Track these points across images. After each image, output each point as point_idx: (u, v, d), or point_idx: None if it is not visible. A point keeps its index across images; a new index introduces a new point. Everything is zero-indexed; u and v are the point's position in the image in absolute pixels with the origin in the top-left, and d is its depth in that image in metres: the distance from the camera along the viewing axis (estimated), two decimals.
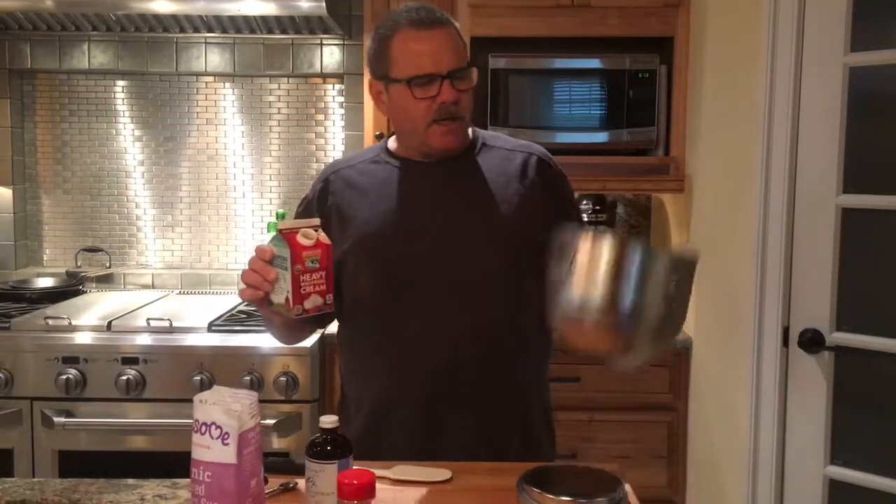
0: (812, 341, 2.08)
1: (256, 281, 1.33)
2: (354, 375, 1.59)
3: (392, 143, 1.62)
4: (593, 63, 2.64)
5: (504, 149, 1.61)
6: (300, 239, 1.31)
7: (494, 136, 1.66)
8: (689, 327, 2.62)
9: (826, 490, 2.09)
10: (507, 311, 1.51)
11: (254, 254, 1.35)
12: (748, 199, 2.20)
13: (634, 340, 1.14)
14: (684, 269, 1.17)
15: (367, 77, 1.72)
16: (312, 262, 1.31)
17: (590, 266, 1.11)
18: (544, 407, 1.63)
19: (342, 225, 1.53)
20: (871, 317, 2.03)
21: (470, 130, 1.60)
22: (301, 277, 1.29)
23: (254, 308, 2.79)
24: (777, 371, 2.15)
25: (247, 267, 1.36)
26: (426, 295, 1.48)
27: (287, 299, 1.30)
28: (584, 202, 2.89)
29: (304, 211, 1.63)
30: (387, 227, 1.50)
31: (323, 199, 1.59)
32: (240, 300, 2.90)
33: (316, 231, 1.33)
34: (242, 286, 1.37)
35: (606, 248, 1.12)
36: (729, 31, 2.38)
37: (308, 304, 1.31)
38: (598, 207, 2.89)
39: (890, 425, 1.97)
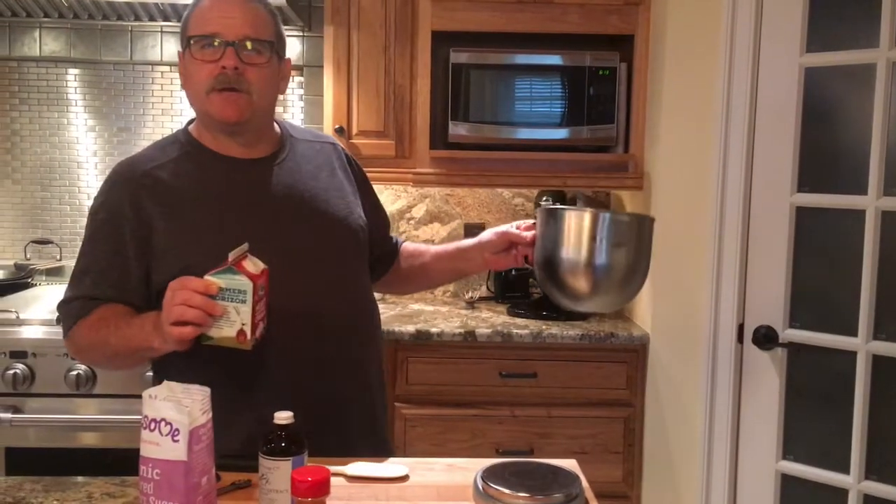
0: (766, 338, 2.11)
1: (200, 318, 1.22)
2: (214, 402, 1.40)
3: (194, 130, 1.53)
4: (554, 59, 2.65)
5: (307, 140, 1.61)
6: (249, 268, 1.25)
7: (291, 126, 1.63)
8: (647, 324, 2.64)
9: (778, 484, 2.12)
10: (364, 297, 1.57)
11: (184, 289, 1.23)
12: (705, 197, 2.23)
13: (605, 286, 1.47)
14: (644, 231, 1.50)
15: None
16: (262, 291, 1.27)
17: (572, 232, 1.44)
18: (383, 387, 1.64)
19: (170, 236, 1.41)
20: (823, 314, 2.07)
21: (276, 125, 1.57)
22: (255, 308, 1.25)
23: None
24: (731, 367, 2.18)
25: (173, 303, 1.22)
26: (291, 301, 1.39)
27: (242, 332, 1.24)
28: (545, 198, 2.90)
29: (111, 219, 1.45)
30: (229, 236, 1.33)
31: (138, 207, 1.43)
32: None
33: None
34: (174, 326, 1.23)
35: (586, 219, 1.44)
36: (688, 31, 2.40)
37: (258, 333, 1.28)
38: (557, 204, 2.90)
39: (839, 421, 2.01)
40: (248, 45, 1.41)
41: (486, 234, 1.62)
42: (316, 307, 1.45)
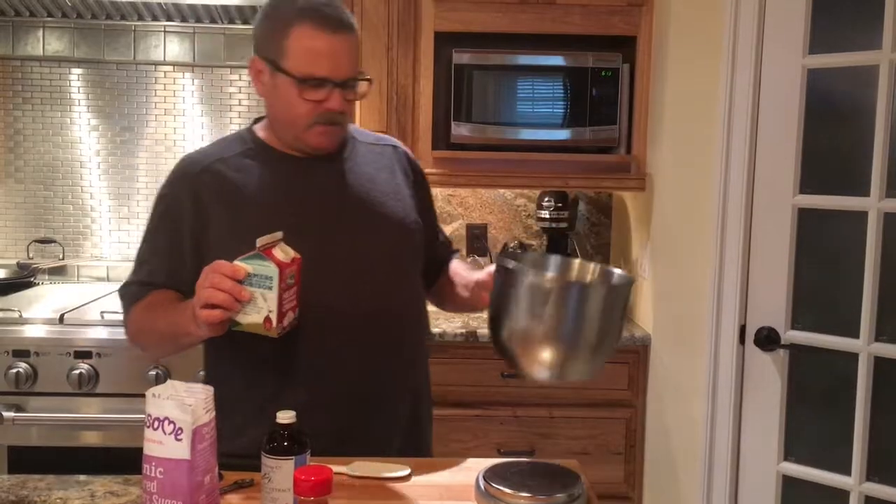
0: (768, 339, 2.11)
1: (227, 302, 1.23)
2: (250, 390, 1.46)
3: (261, 131, 1.55)
4: (557, 60, 2.65)
5: (370, 143, 1.62)
6: (279, 255, 1.26)
7: (356, 129, 1.65)
8: (648, 325, 2.64)
9: (779, 486, 2.12)
10: (413, 301, 1.55)
11: (214, 272, 1.25)
12: (707, 199, 2.23)
13: (572, 359, 1.23)
14: (618, 297, 1.25)
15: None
16: (291, 279, 1.28)
17: (533, 298, 1.20)
18: (428, 392, 1.64)
19: (228, 229, 1.44)
20: (825, 316, 2.06)
21: None
22: (283, 295, 1.25)
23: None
24: (733, 368, 2.18)
25: (208, 286, 1.24)
26: (338, 297, 1.42)
27: (268, 319, 1.24)
28: (546, 199, 2.90)
29: (170, 211, 1.50)
30: (291, 233, 1.35)
31: (197, 199, 1.46)
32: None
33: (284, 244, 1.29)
34: (203, 309, 1.25)
35: (549, 282, 1.23)
36: (691, 32, 2.40)
37: (286, 322, 1.28)
38: (559, 205, 2.90)
39: (841, 422, 2.01)
40: (349, 83, 1.44)
41: (483, 274, 1.49)
42: (366, 307, 1.45)
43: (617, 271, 1.36)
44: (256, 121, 1.58)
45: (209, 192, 1.46)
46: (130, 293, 1.52)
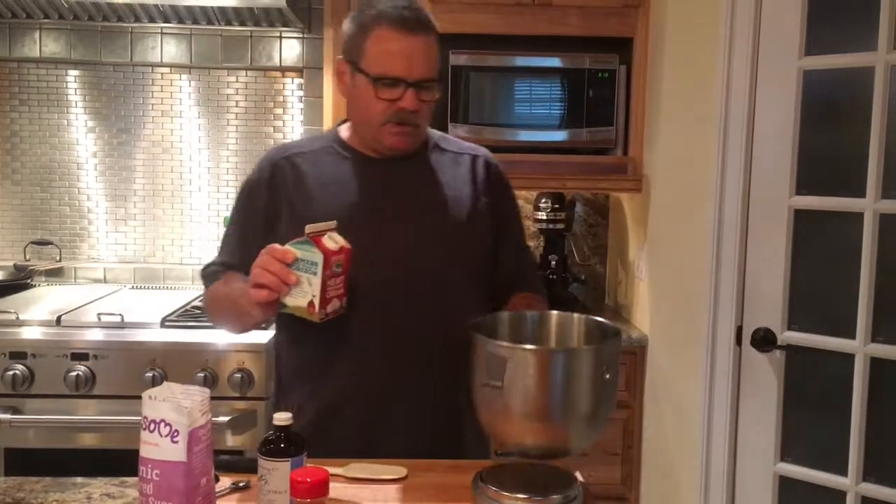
0: (764, 340, 2.11)
1: (275, 283, 1.30)
2: (303, 371, 1.56)
3: (345, 131, 1.61)
4: (553, 62, 2.65)
5: (453, 151, 1.64)
6: (327, 243, 1.30)
7: (444, 138, 1.68)
8: (645, 326, 2.65)
9: (776, 486, 2.12)
10: (461, 310, 1.49)
11: (266, 254, 1.32)
12: (704, 200, 2.23)
13: (567, 436, 1.18)
14: (608, 358, 1.17)
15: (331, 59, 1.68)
16: (337, 267, 1.32)
17: (518, 381, 1.13)
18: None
19: (295, 218, 1.48)
20: (821, 317, 2.07)
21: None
22: (328, 282, 1.29)
23: None
24: (730, 369, 2.19)
25: (258, 267, 1.32)
26: (385, 294, 1.47)
27: (312, 303, 1.29)
28: (544, 200, 2.90)
29: (250, 196, 1.59)
30: (344, 226, 1.43)
31: (273, 186, 1.55)
32: (194, 296, 2.86)
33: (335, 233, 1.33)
34: (254, 287, 1.33)
35: (531, 363, 1.14)
36: (687, 34, 2.40)
37: (329, 308, 1.32)
38: (556, 206, 2.90)
39: (837, 423, 2.01)
40: (424, 84, 1.47)
41: None
42: (408, 306, 1.47)
43: (603, 323, 1.31)
44: (342, 122, 1.64)
45: (285, 181, 1.54)
46: (210, 273, 1.62)
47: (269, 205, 1.54)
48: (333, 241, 1.32)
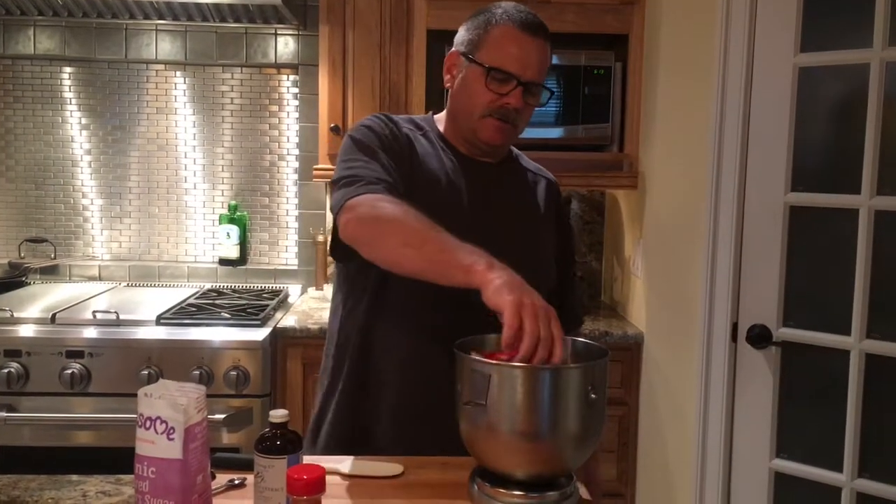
0: (760, 337, 2.12)
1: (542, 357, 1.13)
2: (401, 361, 1.48)
3: (440, 119, 1.63)
4: None
5: (531, 170, 1.68)
6: None
7: (520, 154, 1.72)
8: (641, 322, 2.65)
9: (772, 482, 2.13)
10: None
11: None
12: (699, 197, 2.23)
13: (558, 456, 1.15)
14: (594, 378, 1.14)
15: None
16: None
17: (504, 398, 1.10)
18: None
19: (409, 191, 1.42)
20: (817, 313, 2.07)
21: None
22: None
23: (205, 301, 2.75)
24: (726, 366, 2.19)
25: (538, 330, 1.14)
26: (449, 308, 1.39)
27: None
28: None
29: (391, 137, 1.50)
30: (445, 220, 1.31)
31: (410, 149, 1.51)
32: (189, 293, 2.86)
33: None
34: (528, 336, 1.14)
35: (518, 381, 1.10)
36: (683, 31, 2.40)
37: None
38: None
39: (833, 419, 2.02)
40: (532, 88, 1.49)
41: None
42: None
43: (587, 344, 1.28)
44: (433, 113, 1.67)
45: (412, 153, 1.51)
46: (354, 184, 1.38)
47: (399, 163, 1.46)
48: None
